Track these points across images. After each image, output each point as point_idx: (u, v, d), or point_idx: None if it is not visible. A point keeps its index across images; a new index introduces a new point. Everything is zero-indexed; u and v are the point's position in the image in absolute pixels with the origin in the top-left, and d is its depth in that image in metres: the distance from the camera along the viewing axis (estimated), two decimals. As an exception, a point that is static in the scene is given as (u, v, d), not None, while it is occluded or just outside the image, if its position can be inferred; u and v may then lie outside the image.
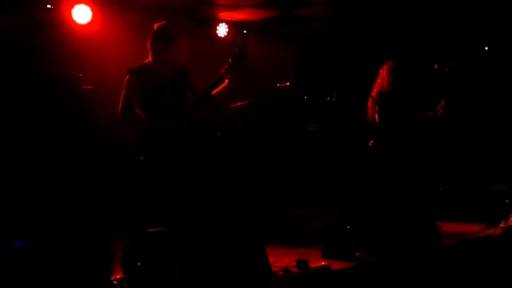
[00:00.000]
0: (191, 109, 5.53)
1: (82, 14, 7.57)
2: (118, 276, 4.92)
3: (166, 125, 5.38)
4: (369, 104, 7.05)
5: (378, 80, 7.06)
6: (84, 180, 7.11)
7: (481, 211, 8.06)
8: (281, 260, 5.50)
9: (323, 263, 5.45)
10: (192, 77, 5.75)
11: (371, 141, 7.03)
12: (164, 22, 5.54)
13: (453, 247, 6.35)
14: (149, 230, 4.66)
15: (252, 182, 7.91)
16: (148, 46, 5.55)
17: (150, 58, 5.57)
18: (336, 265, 5.46)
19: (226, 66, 5.45)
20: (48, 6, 7.54)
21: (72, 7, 7.54)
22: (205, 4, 8.55)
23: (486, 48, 9.97)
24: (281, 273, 5.10)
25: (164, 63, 5.54)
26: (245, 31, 9.51)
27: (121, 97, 5.45)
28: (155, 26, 5.54)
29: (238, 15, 9.14)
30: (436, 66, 6.85)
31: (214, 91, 5.56)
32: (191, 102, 5.58)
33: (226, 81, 5.48)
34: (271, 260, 5.07)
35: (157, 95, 5.44)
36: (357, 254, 5.77)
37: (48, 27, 7.46)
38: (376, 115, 6.87)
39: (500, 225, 7.17)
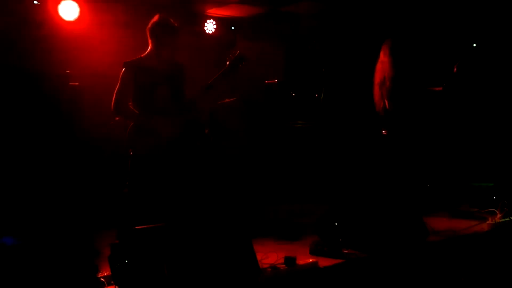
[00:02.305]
0: (185, 109, 5.47)
1: (69, 11, 7.51)
2: (105, 274, 4.90)
3: (158, 123, 5.32)
4: (375, 92, 6.71)
5: (378, 65, 6.69)
6: (71, 176, 7.08)
7: (469, 208, 8.09)
8: (269, 257, 5.48)
9: (311, 260, 5.44)
10: (187, 75, 5.67)
11: (384, 131, 6.72)
12: (164, 14, 5.44)
13: (440, 244, 6.36)
14: (136, 227, 4.63)
15: (240, 179, 7.89)
16: (149, 39, 5.48)
17: (148, 51, 5.49)
18: (324, 262, 5.46)
19: (223, 70, 5.44)
20: (35, 2, 7.48)
21: (59, 2, 7.48)
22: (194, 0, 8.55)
23: (474, 45, 9.98)
24: (269, 270, 5.08)
25: (163, 57, 5.47)
26: (232, 28, 9.48)
27: (115, 90, 5.37)
28: (157, 17, 5.44)
29: (226, 12, 9.12)
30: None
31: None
32: (186, 102, 5.51)
33: (224, 82, 5.48)
34: (259, 257, 5.06)
35: (152, 91, 5.37)
36: (345, 251, 5.77)
37: (35, 24, 7.41)
38: (386, 102, 6.60)
39: (488, 222, 7.19)
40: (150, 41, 5.46)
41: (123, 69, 5.37)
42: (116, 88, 5.37)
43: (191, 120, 5.57)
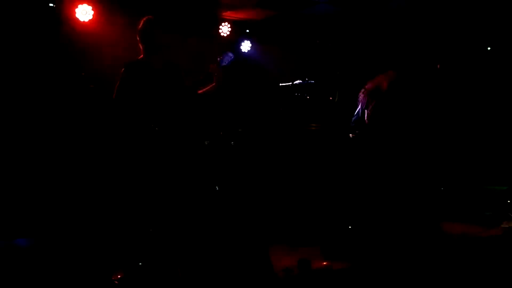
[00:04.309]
0: (178, 106, 5.56)
1: (84, 12, 7.56)
2: (119, 276, 4.92)
3: (150, 119, 5.40)
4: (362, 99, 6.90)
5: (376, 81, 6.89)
6: (85, 178, 7.11)
7: (482, 211, 8.06)
8: (283, 260, 5.49)
9: (324, 263, 5.44)
10: (184, 76, 5.77)
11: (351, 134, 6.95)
12: (149, 17, 5.61)
13: (455, 248, 6.34)
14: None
15: (255, 181, 7.89)
16: (138, 42, 5.61)
17: (142, 55, 5.62)
18: (338, 265, 5.46)
19: (214, 65, 5.59)
20: (51, 4, 7.52)
21: (75, 5, 7.52)
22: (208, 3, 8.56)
23: (489, 48, 9.95)
24: (283, 273, 5.09)
25: (154, 59, 5.57)
26: (247, 31, 9.51)
27: (115, 87, 5.50)
28: (141, 21, 5.60)
29: (240, 15, 9.13)
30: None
31: (203, 90, 5.66)
32: (178, 100, 5.60)
33: (214, 79, 5.60)
34: (273, 260, 5.06)
35: (146, 90, 5.46)
36: (359, 254, 5.77)
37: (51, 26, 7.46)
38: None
39: (502, 226, 7.16)
40: (140, 45, 5.61)
41: (122, 68, 5.51)
42: (116, 86, 5.49)
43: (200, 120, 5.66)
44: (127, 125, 5.50)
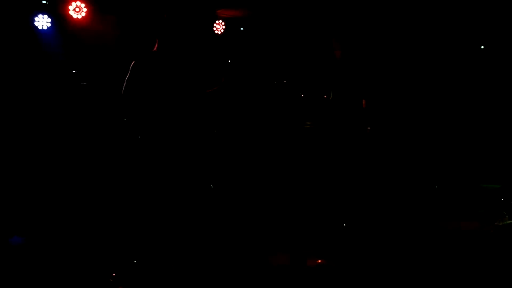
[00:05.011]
0: (187, 103, 5.55)
1: (77, 10, 7.53)
2: (114, 274, 4.91)
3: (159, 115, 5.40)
4: None
5: None
6: (80, 176, 7.10)
7: (476, 209, 8.06)
8: (278, 257, 5.49)
9: (319, 261, 5.44)
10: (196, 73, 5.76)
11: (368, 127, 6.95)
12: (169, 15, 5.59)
13: (448, 246, 6.35)
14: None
15: (250, 180, 7.90)
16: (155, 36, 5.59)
17: (155, 49, 5.60)
18: (332, 263, 5.46)
19: (223, 65, 5.56)
20: (44, 1, 7.50)
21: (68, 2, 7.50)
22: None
23: (482, 47, 9.97)
24: (278, 270, 5.09)
25: (166, 54, 5.55)
26: (242, 29, 9.50)
27: (125, 79, 5.49)
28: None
29: (236, 12, 9.12)
30: None
31: (212, 89, 5.65)
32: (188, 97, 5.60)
33: (222, 79, 5.58)
34: (268, 258, 5.07)
35: (156, 84, 5.45)
36: (354, 252, 5.77)
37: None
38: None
39: (495, 224, 7.17)
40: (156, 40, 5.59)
41: (133, 61, 5.48)
42: (126, 78, 5.48)
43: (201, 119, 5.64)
44: (133, 120, 5.50)
